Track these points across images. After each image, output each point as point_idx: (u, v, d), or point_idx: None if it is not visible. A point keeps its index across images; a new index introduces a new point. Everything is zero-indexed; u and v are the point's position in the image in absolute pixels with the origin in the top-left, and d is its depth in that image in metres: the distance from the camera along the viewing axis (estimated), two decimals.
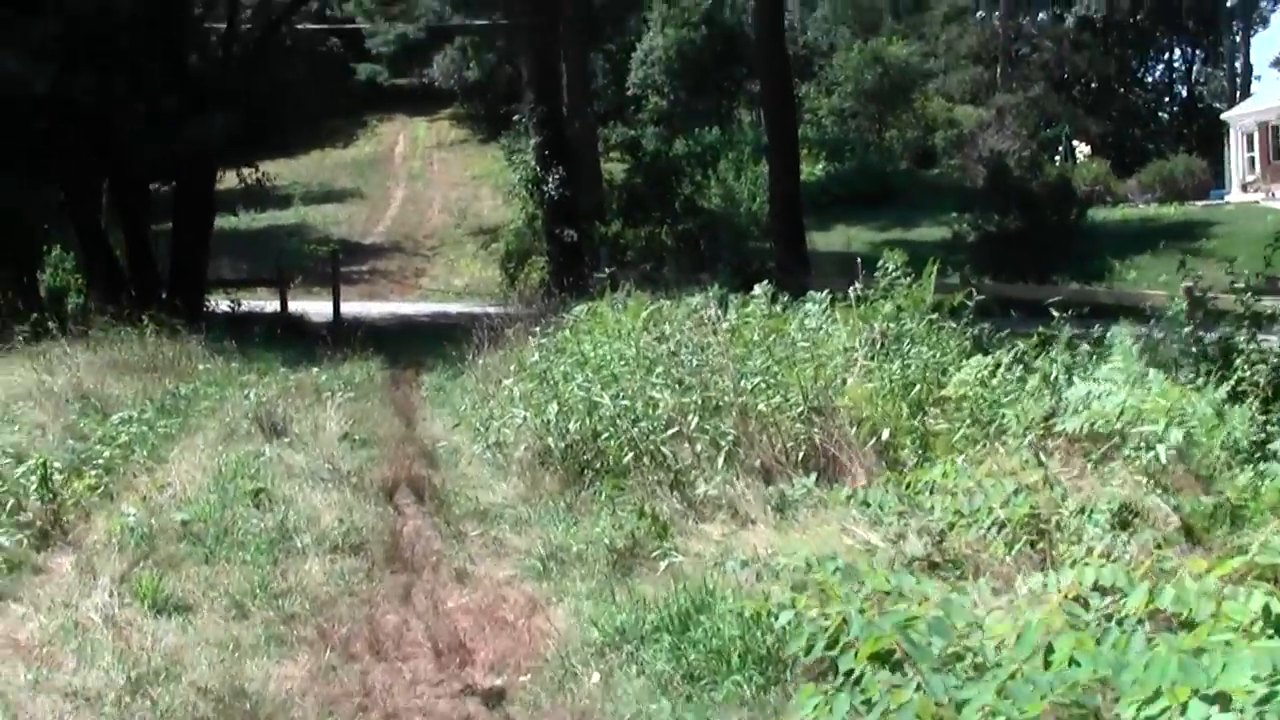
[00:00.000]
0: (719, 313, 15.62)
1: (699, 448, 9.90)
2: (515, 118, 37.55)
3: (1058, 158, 46.09)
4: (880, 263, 15.21)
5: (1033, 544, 7.18)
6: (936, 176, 47.71)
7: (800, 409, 10.05)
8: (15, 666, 7.20)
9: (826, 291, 14.93)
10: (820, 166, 46.22)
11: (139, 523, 9.83)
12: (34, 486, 10.18)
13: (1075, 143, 48.59)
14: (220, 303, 26.37)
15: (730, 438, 9.79)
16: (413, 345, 23.02)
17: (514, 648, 7.50)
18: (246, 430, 13.69)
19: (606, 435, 10.45)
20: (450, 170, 52.61)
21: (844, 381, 10.80)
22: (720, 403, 10.27)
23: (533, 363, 13.13)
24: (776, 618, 6.35)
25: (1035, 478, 7.63)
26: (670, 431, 9.91)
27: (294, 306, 28.36)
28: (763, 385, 10.32)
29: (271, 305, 27.56)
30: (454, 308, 31.59)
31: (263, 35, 28.54)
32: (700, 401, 10.27)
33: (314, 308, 28.56)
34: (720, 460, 9.65)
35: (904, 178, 46.16)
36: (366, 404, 16.21)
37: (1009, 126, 48.30)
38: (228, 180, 31.32)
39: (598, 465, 10.39)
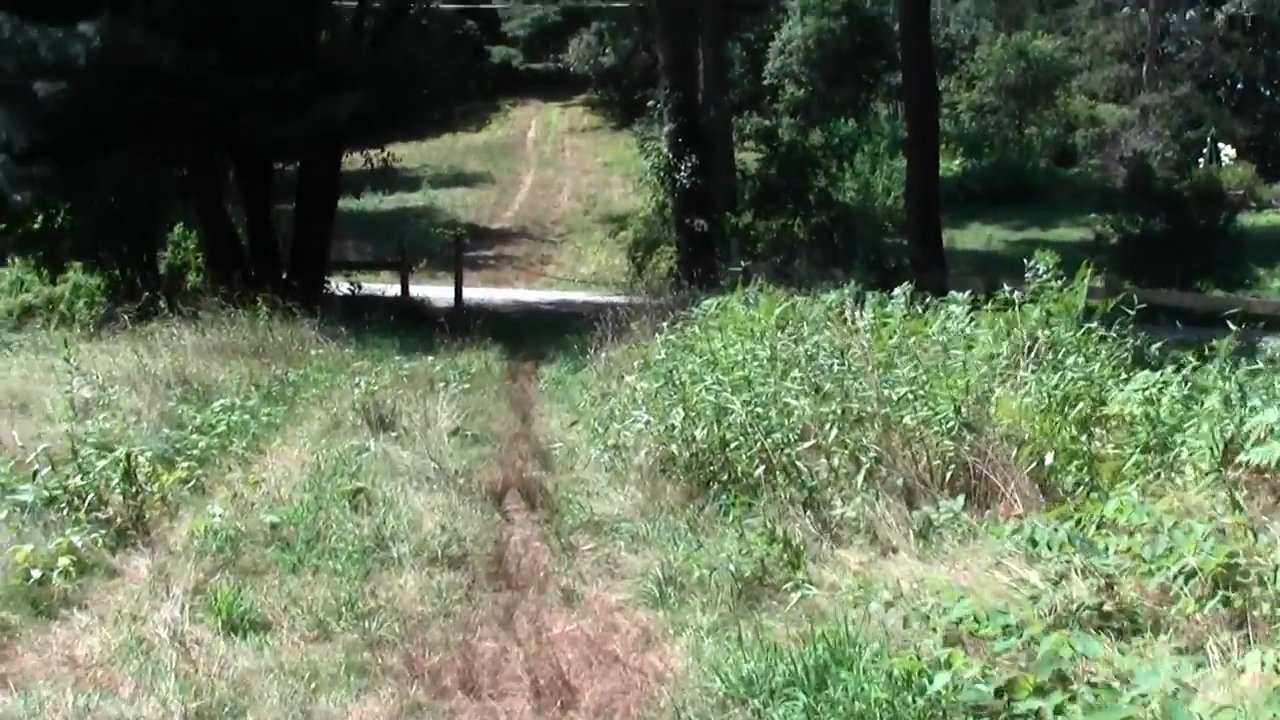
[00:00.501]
0: (857, 313, 14.73)
1: (836, 462, 8.90)
2: (650, 103, 36.54)
3: (1202, 160, 44.37)
4: (1030, 264, 14.04)
5: (1227, 600, 6.10)
6: (1076, 176, 46.10)
7: (950, 424, 8.99)
8: (65, 689, 6.39)
9: (969, 292, 13.87)
10: (957, 162, 44.80)
11: (225, 524, 9.05)
12: (117, 480, 9.39)
13: (1220, 145, 46.77)
14: (341, 285, 25.65)
15: (872, 454, 8.75)
16: (534, 334, 22.19)
17: (623, 690, 6.55)
18: (352, 422, 12.89)
19: (736, 445, 9.44)
20: (582, 157, 51.78)
21: (991, 393, 9.70)
22: (862, 413, 9.24)
23: (658, 360, 12.16)
24: (931, 680, 5.38)
25: (1230, 520, 6.55)
26: (806, 444, 8.89)
27: (416, 291, 27.63)
28: (909, 396, 9.26)
29: (393, 289, 26.85)
30: (579, 296, 30.74)
31: (395, 14, 27.74)
32: (839, 411, 9.25)
33: (436, 293, 27.81)
34: (860, 478, 8.64)
35: (1043, 176, 44.58)
36: (481, 396, 15.38)
37: (1153, 126, 46.67)
38: (354, 161, 30.61)
39: (724, 477, 9.39)
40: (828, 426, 9.05)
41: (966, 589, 7.18)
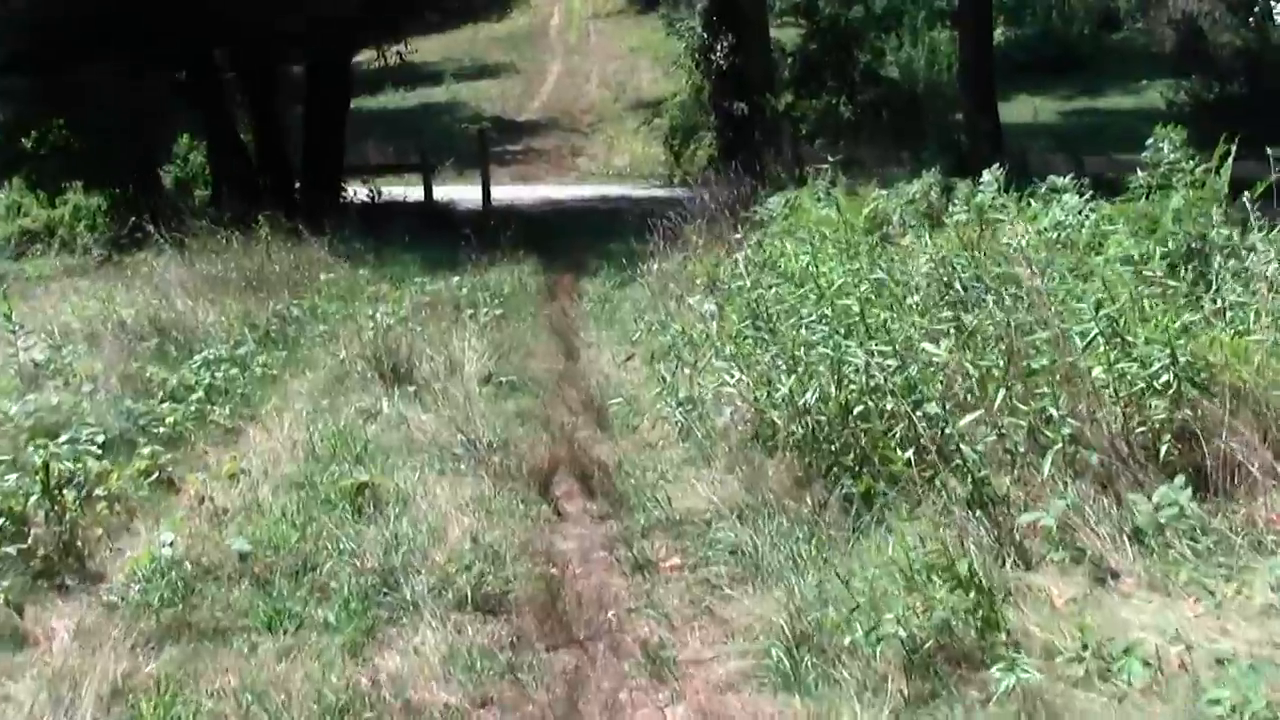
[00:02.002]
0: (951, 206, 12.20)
1: (1013, 440, 6.22)
2: None
3: (1251, 20, 40.99)
4: (1151, 142, 11.28)
5: None
6: (1120, 42, 42.85)
7: (1164, 378, 6.29)
8: None
9: (1070, 176, 11.27)
10: (999, 31, 41.43)
11: (182, 554, 6.47)
12: (35, 497, 6.82)
13: (1273, 3, 43.27)
14: (359, 192, 22.88)
15: (1066, 430, 6.06)
16: (570, 239, 19.39)
17: None
18: (362, 373, 10.26)
19: (860, 411, 6.72)
20: (608, 42, 48.61)
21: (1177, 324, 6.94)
22: (1033, 365, 6.53)
23: (735, 284, 9.39)
24: None
25: None
26: (970, 416, 6.18)
27: (441, 192, 24.84)
28: (1102, 338, 6.50)
29: (416, 193, 23.96)
30: (614, 189, 27.90)
31: None
32: (1004, 363, 6.55)
33: (463, 193, 24.90)
34: (1048, 462, 5.97)
35: (1089, 43, 41.32)
36: (516, 325, 12.76)
37: None
38: (371, 59, 27.68)
39: (849, 458, 6.70)
40: (992, 389, 6.36)
41: (1257, 655, 4.67)
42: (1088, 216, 10.46)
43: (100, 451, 7.94)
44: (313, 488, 7.53)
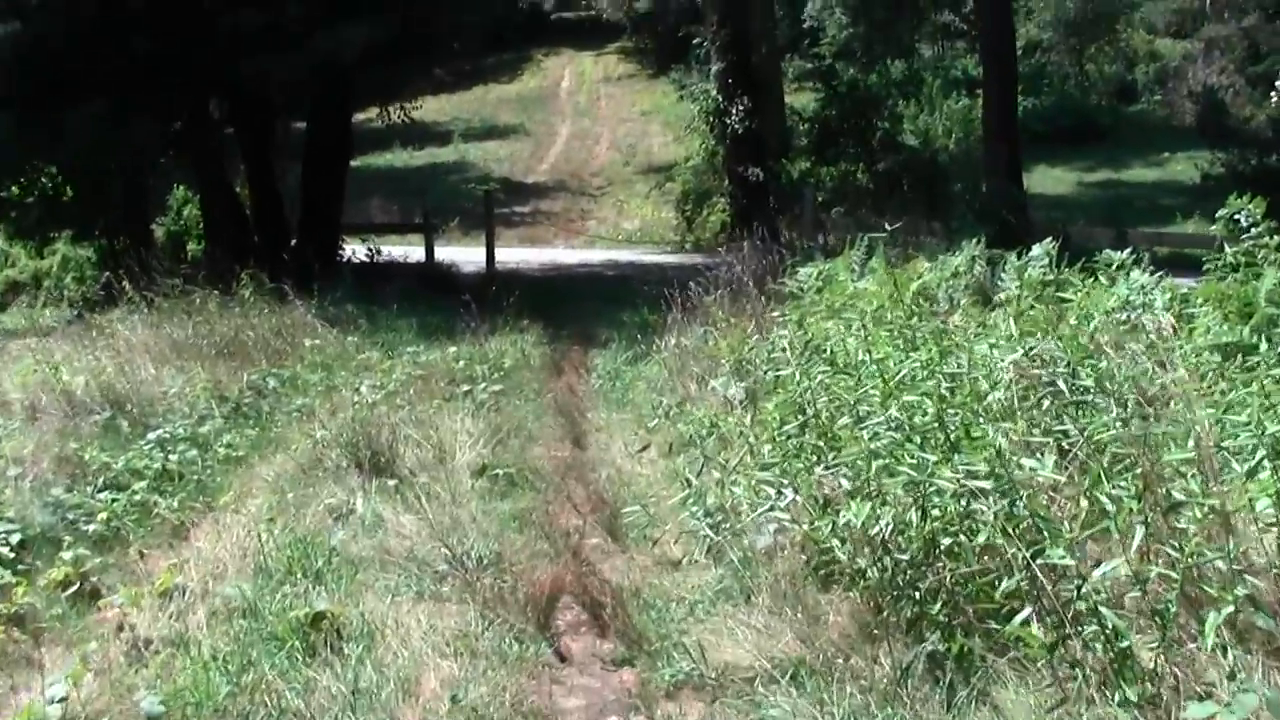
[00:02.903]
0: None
1: (1164, 598, 4.64)
2: (695, 40, 32.04)
3: (1274, 95, 39.61)
4: (1223, 215, 9.88)
5: None
6: (1138, 114, 41.45)
7: None
8: None
9: (1129, 252, 9.85)
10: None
11: (78, 710, 4.94)
12: None
13: None
14: (359, 251, 21.34)
15: (1241, 589, 4.47)
16: (579, 306, 17.86)
17: None
18: (336, 461, 8.69)
19: (950, 546, 5.13)
20: (618, 106, 47.24)
21: None
22: (1175, 494, 4.96)
23: (774, 373, 7.80)
24: None
25: None
26: (1109, 566, 4.58)
27: (445, 254, 23.32)
28: (1269, 462, 4.93)
29: (418, 253, 22.41)
30: (625, 255, 26.35)
31: None
32: (1136, 493, 4.98)
33: (467, 255, 23.35)
34: (1210, 632, 4.39)
35: (1107, 114, 39.88)
36: (517, 403, 11.21)
37: (1217, 60, 41.99)
38: (376, 116, 26.14)
39: (939, 607, 5.11)
40: (1120, 521, 4.79)
41: None
42: (1165, 297, 8.97)
43: (13, 554, 6.44)
44: (258, 617, 5.96)
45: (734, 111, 26.98)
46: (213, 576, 6.56)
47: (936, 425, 5.58)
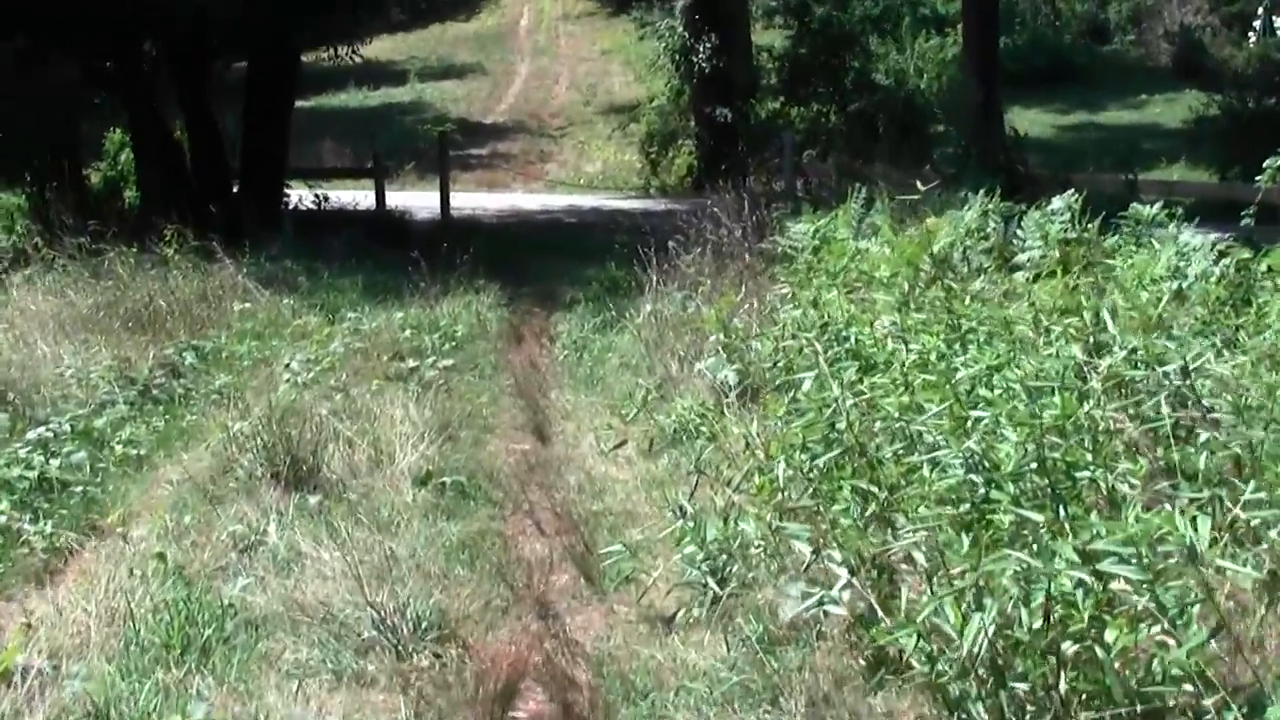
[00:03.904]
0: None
1: None
2: None
3: (1251, 34, 37.93)
4: (1272, 164, 8.39)
5: None
6: (1112, 54, 39.81)
7: None
8: None
9: (1161, 206, 8.40)
10: None
11: None
12: None
13: (1274, 17, 40.13)
14: (305, 198, 19.53)
15: None
16: (540, 260, 16.14)
17: None
18: (249, 470, 7.03)
19: (1078, 650, 3.55)
20: (578, 45, 45.20)
21: None
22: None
23: (785, 368, 6.15)
24: None
25: None
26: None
27: (399, 199, 21.44)
28: None
29: (371, 199, 20.56)
30: (587, 200, 24.57)
31: None
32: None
33: (422, 201, 21.43)
34: None
35: (1083, 54, 38.15)
36: (470, 380, 9.59)
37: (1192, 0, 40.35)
38: (328, 56, 24.14)
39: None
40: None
41: None
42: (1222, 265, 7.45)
43: None
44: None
45: (701, 49, 25.26)
46: (69, 651, 4.93)
47: (1035, 467, 3.99)
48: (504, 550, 6.07)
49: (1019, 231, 9.36)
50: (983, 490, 3.99)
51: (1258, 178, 8.52)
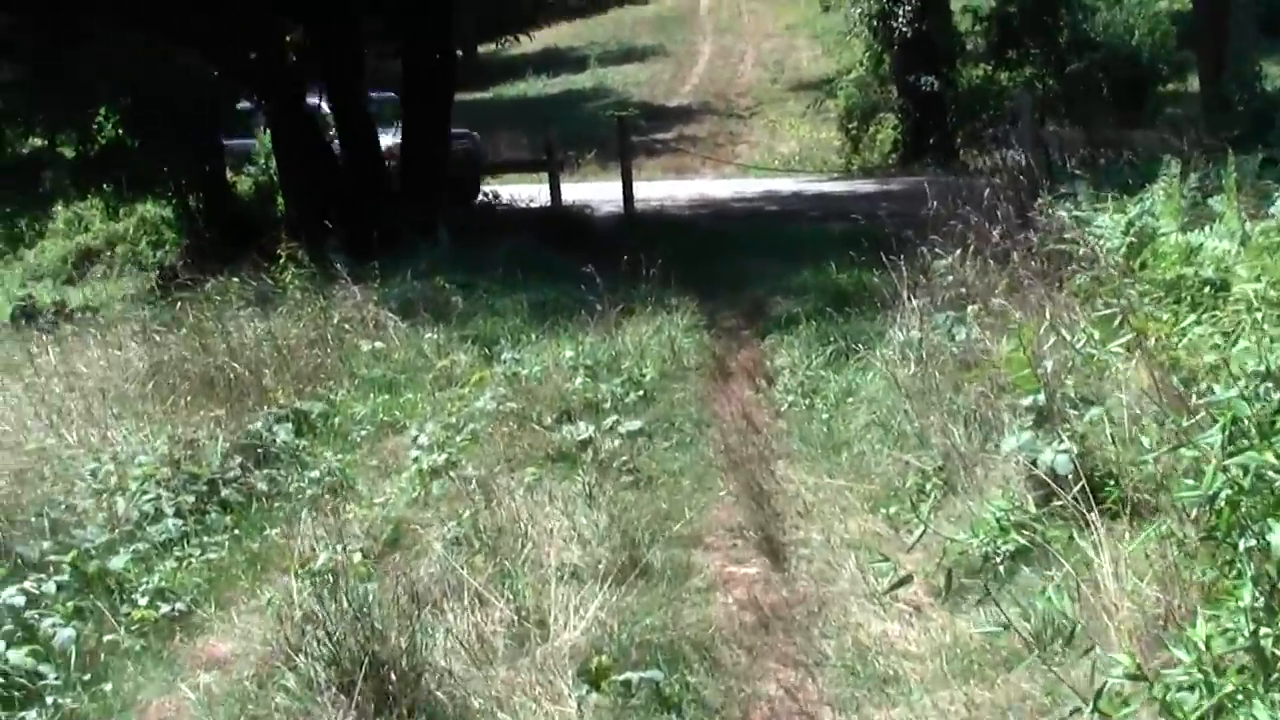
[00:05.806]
0: None
1: None
2: None
3: None
4: None
5: None
6: None
7: None
8: None
9: None
10: None
11: None
12: None
13: None
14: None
15: None
16: (742, 258, 12.94)
17: None
18: (305, 677, 4.11)
19: None
20: (761, 21, 41.96)
21: None
22: None
23: (1196, 497, 3.07)
24: None
25: None
26: None
27: (579, 192, 18.60)
28: None
29: (546, 195, 17.60)
30: (784, 185, 21.30)
31: None
32: None
33: (604, 193, 18.37)
34: None
35: None
36: (664, 452, 6.60)
37: None
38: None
39: None
40: None
41: None
42: None
43: None
44: None
45: (901, 12, 21.93)
46: None
47: None
48: None
49: None
50: None
51: None
